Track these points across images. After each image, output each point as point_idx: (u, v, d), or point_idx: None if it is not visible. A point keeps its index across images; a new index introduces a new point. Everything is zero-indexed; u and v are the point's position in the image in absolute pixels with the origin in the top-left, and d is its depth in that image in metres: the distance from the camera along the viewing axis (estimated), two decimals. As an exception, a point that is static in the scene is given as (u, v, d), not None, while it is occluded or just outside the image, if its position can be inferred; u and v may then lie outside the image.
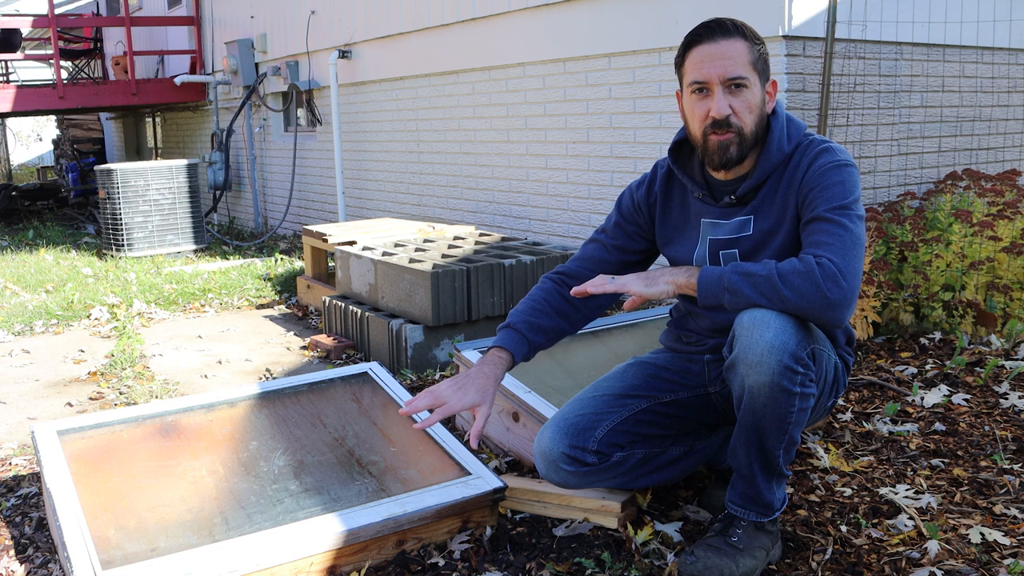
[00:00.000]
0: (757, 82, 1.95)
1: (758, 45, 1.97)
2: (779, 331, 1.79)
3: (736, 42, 1.94)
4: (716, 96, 1.93)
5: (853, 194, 1.92)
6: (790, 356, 1.79)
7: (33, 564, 2.20)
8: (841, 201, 1.90)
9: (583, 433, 2.05)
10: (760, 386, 1.81)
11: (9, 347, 4.68)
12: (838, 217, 1.88)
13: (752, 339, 1.80)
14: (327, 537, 2.01)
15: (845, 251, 1.84)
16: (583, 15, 4.94)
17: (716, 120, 1.93)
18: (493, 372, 2.04)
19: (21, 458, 2.96)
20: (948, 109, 4.93)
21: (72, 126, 13.08)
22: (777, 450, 1.89)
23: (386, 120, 6.97)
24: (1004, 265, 3.65)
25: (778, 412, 1.83)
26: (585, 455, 2.04)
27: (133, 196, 7.40)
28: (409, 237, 4.96)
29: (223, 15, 9.46)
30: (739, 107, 1.93)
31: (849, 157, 1.97)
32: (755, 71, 1.95)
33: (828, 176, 1.93)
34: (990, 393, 2.92)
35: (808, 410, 1.88)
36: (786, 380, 1.80)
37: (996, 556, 1.95)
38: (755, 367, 1.80)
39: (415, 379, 3.65)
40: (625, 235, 2.22)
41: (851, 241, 1.86)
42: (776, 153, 1.99)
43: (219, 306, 5.57)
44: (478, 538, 2.15)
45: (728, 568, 1.87)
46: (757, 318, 1.81)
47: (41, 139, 22.14)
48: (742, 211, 2.03)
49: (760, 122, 1.97)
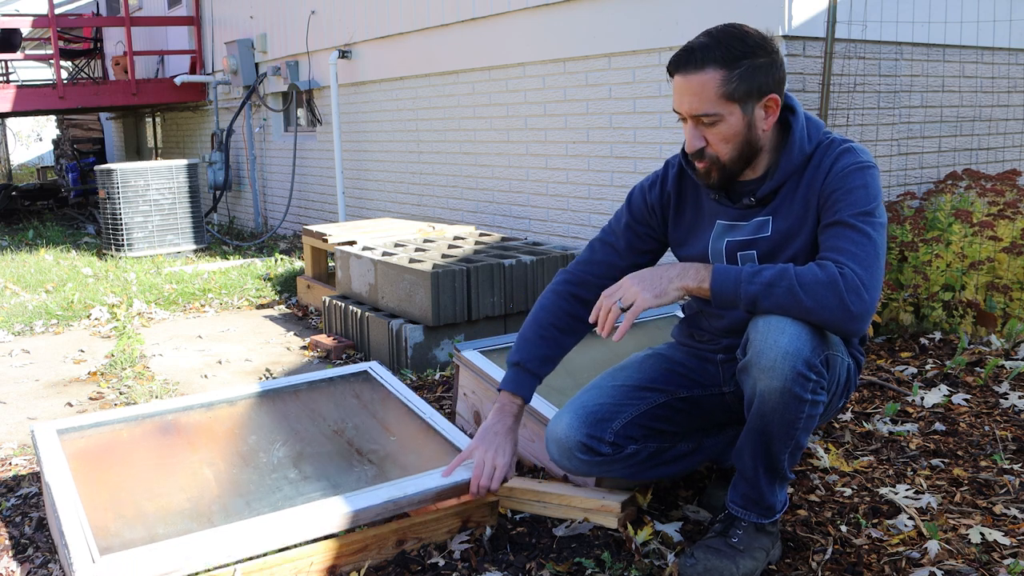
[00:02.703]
0: (735, 110, 1.87)
1: (739, 68, 1.85)
2: (794, 337, 1.78)
3: (705, 74, 1.85)
4: (687, 131, 1.92)
5: (876, 199, 1.88)
6: (804, 363, 1.78)
7: (33, 564, 2.20)
8: (864, 207, 1.86)
9: (601, 423, 2.04)
10: (772, 391, 1.80)
11: (9, 347, 4.68)
12: (861, 224, 1.84)
13: (766, 344, 1.79)
14: (326, 520, 2.02)
15: (868, 262, 1.81)
16: (583, 15, 4.94)
17: (690, 152, 1.94)
18: (511, 425, 2.17)
19: (21, 458, 2.96)
20: (948, 109, 4.93)
21: (72, 126, 13.08)
22: (783, 454, 1.88)
23: (386, 120, 6.97)
24: (1004, 265, 3.64)
25: (787, 418, 1.83)
26: (601, 445, 2.04)
27: (133, 196, 7.40)
28: (409, 237, 4.96)
29: (223, 15, 9.46)
30: (712, 139, 1.90)
31: (870, 158, 1.94)
32: (730, 101, 1.86)
33: (852, 179, 1.89)
34: (990, 393, 2.92)
35: (817, 417, 1.87)
36: (798, 387, 1.79)
37: (996, 556, 1.95)
38: (768, 372, 1.79)
39: (415, 379, 3.65)
40: (635, 236, 2.18)
41: (874, 252, 1.83)
42: (798, 154, 1.95)
43: (219, 306, 5.57)
44: (478, 538, 2.14)
45: (728, 569, 1.87)
46: (772, 322, 1.80)
47: (41, 139, 22.14)
48: (761, 212, 1.99)
49: (748, 144, 1.91)
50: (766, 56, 1.88)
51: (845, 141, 1.96)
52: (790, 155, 1.95)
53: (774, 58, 1.90)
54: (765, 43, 1.90)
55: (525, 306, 4.01)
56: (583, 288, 2.19)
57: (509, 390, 2.17)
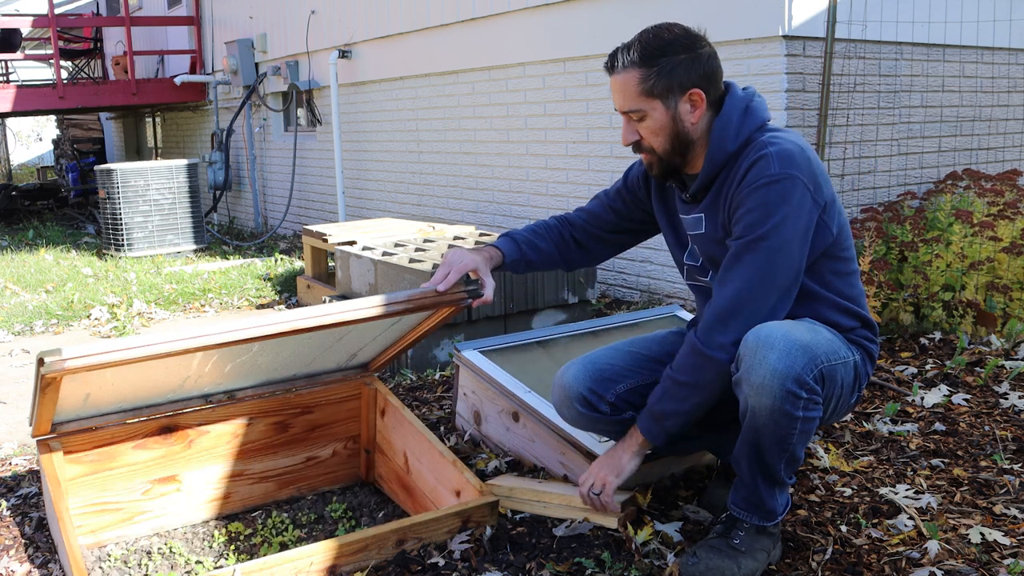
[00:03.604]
0: (658, 105, 1.93)
1: (656, 66, 1.91)
2: (783, 354, 1.78)
3: (627, 74, 1.94)
4: (623, 126, 2.02)
5: (773, 218, 1.84)
6: (794, 381, 1.78)
7: (33, 564, 2.20)
8: (756, 231, 1.85)
9: (606, 382, 2.09)
10: (762, 408, 1.81)
11: (9, 347, 4.68)
12: (744, 251, 1.86)
13: (756, 361, 1.80)
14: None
15: (742, 291, 1.86)
16: (583, 15, 4.94)
17: (625, 145, 2.03)
18: (486, 252, 2.20)
19: (21, 458, 2.96)
20: (948, 109, 4.93)
21: (72, 126, 13.08)
22: (778, 464, 1.89)
23: (386, 120, 6.97)
24: (1004, 265, 3.64)
25: (779, 433, 1.83)
26: (600, 403, 2.09)
27: (133, 196, 7.40)
28: (409, 237, 4.96)
29: (223, 15, 9.46)
30: (644, 133, 1.99)
31: (789, 165, 1.86)
32: (652, 96, 1.93)
33: (753, 196, 1.86)
34: (990, 393, 2.92)
35: (812, 430, 1.88)
36: (788, 405, 1.79)
37: (996, 556, 1.95)
38: (758, 390, 1.80)
39: (415, 379, 3.65)
40: (623, 202, 2.27)
41: (755, 278, 1.85)
42: (718, 152, 1.95)
43: (219, 306, 5.57)
44: (478, 538, 2.14)
45: (730, 570, 1.88)
46: (762, 338, 1.80)
47: (41, 139, 22.13)
48: (696, 209, 2.05)
49: (679, 137, 1.96)
50: (686, 53, 1.92)
51: (768, 144, 1.90)
52: (711, 154, 1.97)
53: (696, 54, 1.93)
54: (688, 40, 1.93)
55: (525, 306, 4.01)
56: (576, 230, 2.31)
57: (493, 245, 2.25)
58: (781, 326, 1.82)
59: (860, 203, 4.51)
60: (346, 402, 2.61)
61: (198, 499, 2.44)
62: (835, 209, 1.96)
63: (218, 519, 2.48)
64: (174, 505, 2.41)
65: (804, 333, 1.83)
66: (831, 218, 1.94)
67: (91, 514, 2.29)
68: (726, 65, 4.14)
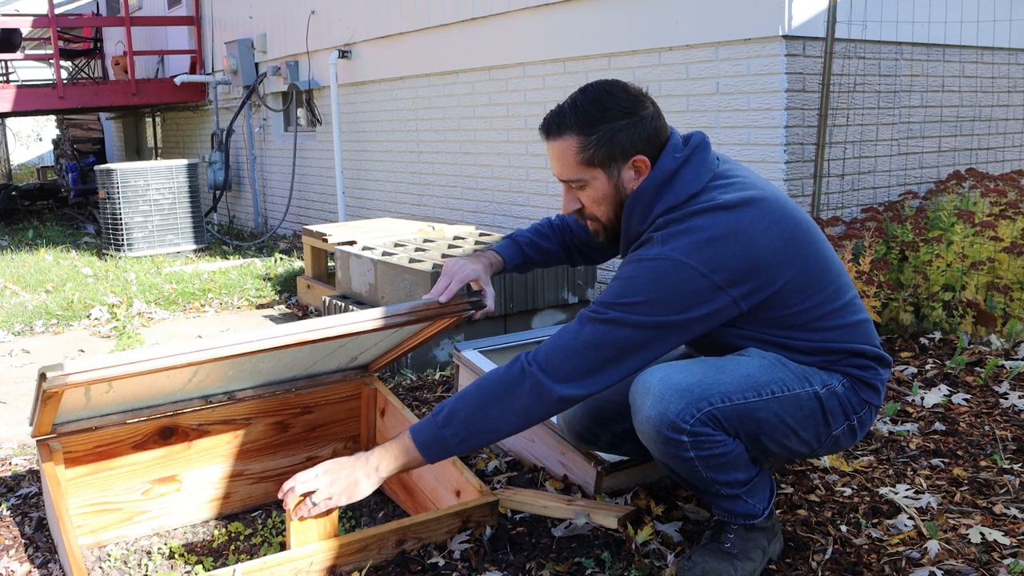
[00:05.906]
0: (599, 174, 1.84)
1: (596, 133, 1.80)
2: (657, 400, 1.73)
3: (565, 141, 1.83)
4: (564, 193, 1.94)
5: (635, 295, 1.72)
6: (668, 427, 1.73)
7: (33, 564, 2.20)
8: (610, 298, 1.75)
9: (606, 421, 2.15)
10: (655, 451, 1.81)
11: (9, 347, 4.68)
12: (588, 316, 1.76)
13: (635, 407, 1.79)
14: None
15: (564, 350, 1.75)
16: (583, 15, 4.94)
17: (565, 214, 1.98)
18: (486, 259, 2.18)
19: (21, 458, 2.96)
20: (948, 109, 4.93)
21: (72, 126, 13.08)
22: (712, 488, 1.85)
23: (386, 120, 6.97)
24: (1005, 265, 3.64)
25: (685, 470, 1.81)
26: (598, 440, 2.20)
27: (133, 196, 7.40)
28: (409, 237, 4.96)
29: (223, 15, 9.46)
30: (586, 201, 1.90)
31: (683, 250, 1.71)
32: (592, 166, 1.83)
33: (628, 267, 1.78)
34: (990, 393, 2.92)
35: (729, 462, 1.78)
36: (672, 448, 1.75)
37: (996, 556, 1.95)
38: (643, 436, 1.80)
39: (415, 379, 3.65)
40: None
41: (581, 341, 1.74)
42: (628, 232, 1.89)
43: (219, 306, 5.57)
44: (478, 538, 2.14)
45: (727, 571, 1.87)
46: (640, 384, 1.78)
47: (41, 139, 22.14)
48: None
49: (619, 207, 1.88)
50: (627, 118, 1.81)
51: (686, 219, 1.75)
52: (624, 232, 1.89)
53: (638, 117, 1.82)
54: (629, 103, 1.83)
55: (525, 306, 4.01)
56: (576, 239, 2.26)
57: (494, 250, 2.23)
58: (661, 369, 1.77)
59: (860, 203, 4.51)
60: (346, 402, 2.61)
61: (198, 499, 2.44)
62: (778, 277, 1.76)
63: (218, 519, 2.48)
64: (174, 505, 2.41)
65: (693, 374, 1.75)
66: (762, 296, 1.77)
67: (91, 514, 2.29)
68: (726, 65, 4.17)
